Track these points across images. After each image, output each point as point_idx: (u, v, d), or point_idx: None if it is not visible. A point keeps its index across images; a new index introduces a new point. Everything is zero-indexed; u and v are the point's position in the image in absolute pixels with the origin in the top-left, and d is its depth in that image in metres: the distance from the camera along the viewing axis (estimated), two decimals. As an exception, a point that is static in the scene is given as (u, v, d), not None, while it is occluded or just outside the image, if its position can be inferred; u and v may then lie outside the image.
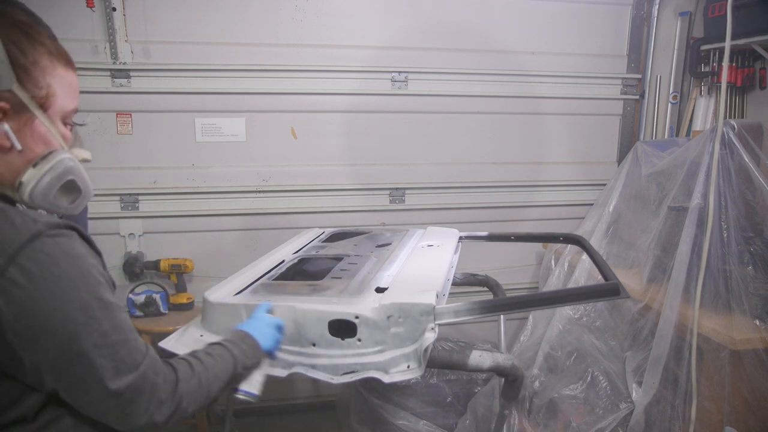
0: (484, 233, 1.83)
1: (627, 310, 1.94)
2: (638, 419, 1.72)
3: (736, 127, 1.73)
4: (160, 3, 2.08)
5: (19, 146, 0.73)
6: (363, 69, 2.27)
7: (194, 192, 2.22)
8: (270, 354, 1.03)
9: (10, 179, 0.75)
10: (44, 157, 0.76)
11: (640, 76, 2.54)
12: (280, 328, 1.08)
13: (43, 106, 0.75)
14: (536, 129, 2.49)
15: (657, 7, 2.45)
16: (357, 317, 1.09)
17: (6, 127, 0.72)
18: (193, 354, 0.89)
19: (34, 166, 0.75)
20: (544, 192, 2.55)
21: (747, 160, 1.68)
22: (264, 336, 1.02)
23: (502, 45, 2.37)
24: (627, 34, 2.50)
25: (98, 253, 0.77)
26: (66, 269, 0.68)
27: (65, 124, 0.80)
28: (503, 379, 1.30)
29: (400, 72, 2.31)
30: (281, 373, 1.09)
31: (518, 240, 1.88)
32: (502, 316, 1.71)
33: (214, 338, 1.06)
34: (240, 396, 0.97)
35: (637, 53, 2.52)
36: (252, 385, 0.98)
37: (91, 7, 1.95)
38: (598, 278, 2.08)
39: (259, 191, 2.28)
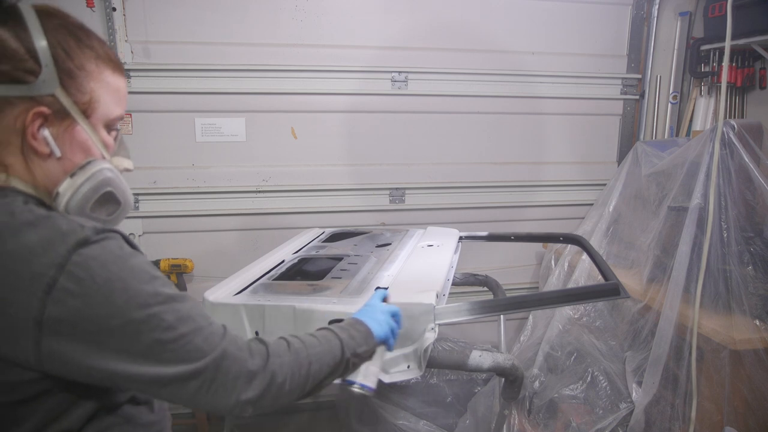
0: (484, 233, 1.83)
1: (627, 310, 1.94)
2: (638, 419, 1.72)
3: (736, 127, 1.73)
4: (160, 3, 2.08)
5: (58, 153, 0.70)
6: (363, 69, 2.27)
7: (194, 192, 2.23)
8: (385, 343, 0.97)
9: (47, 187, 0.72)
10: (82, 167, 0.73)
11: (640, 76, 2.53)
12: (395, 315, 1.02)
13: (86, 112, 0.72)
14: (536, 129, 2.49)
15: (657, 7, 2.45)
16: None
17: (46, 132, 0.69)
18: (293, 334, 0.85)
19: (72, 176, 0.72)
20: (544, 192, 2.55)
21: (747, 160, 1.68)
22: (378, 322, 0.96)
23: (502, 45, 2.37)
24: (627, 34, 2.50)
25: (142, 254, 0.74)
26: (116, 271, 0.65)
27: (109, 131, 0.77)
28: (503, 379, 1.30)
29: (400, 72, 2.30)
30: None
31: (518, 240, 1.88)
32: (502, 316, 1.71)
33: None
34: (356, 389, 0.90)
35: (637, 53, 2.52)
36: (368, 378, 0.90)
37: (91, 7, 1.95)
38: (598, 278, 2.09)
39: (259, 191, 2.28)
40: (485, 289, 1.93)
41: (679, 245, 1.73)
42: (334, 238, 1.76)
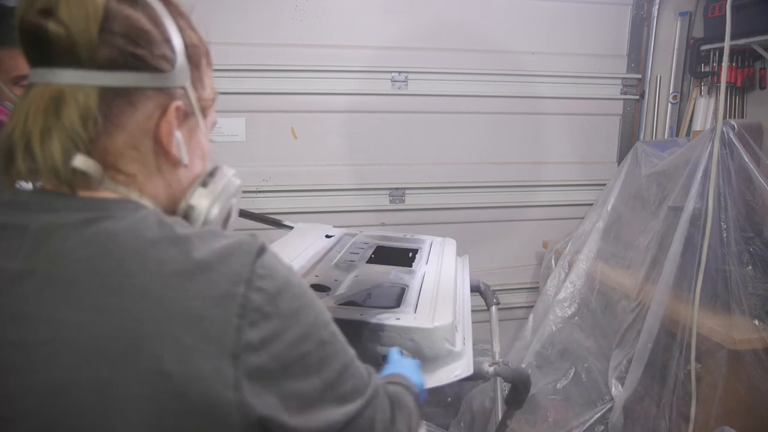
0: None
1: (621, 309, 1.95)
2: (618, 415, 1.74)
3: (736, 127, 1.73)
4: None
5: (186, 159, 0.60)
6: (363, 69, 2.27)
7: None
8: (421, 396, 0.91)
9: (169, 200, 0.60)
10: (211, 174, 0.63)
11: (640, 76, 2.54)
12: (420, 367, 0.98)
13: (204, 112, 0.63)
14: (536, 129, 2.49)
15: (657, 7, 2.45)
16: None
17: (179, 135, 0.58)
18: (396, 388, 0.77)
19: (204, 185, 0.62)
20: (544, 192, 2.55)
21: (747, 160, 1.67)
22: (417, 375, 0.91)
23: (502, 45, 2.37)
24: (627, 34, 2.50)
25: None
26: (297, 284, 0.55)
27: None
28: (509, 385, 1.30)
29: (400, 72, 2.31)
30: None
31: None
32: (494, 317, 1.70)
33: None
34: None
35: (637, 53, 2.52)
36: None
37: (91, 7, 1.95)
38: (598, 278, 2.09)
39: (259, 191, 2.28)
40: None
41: (672, 243, 1.73)
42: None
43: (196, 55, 0.61)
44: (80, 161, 0.52)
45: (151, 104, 0.56)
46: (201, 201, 0.61)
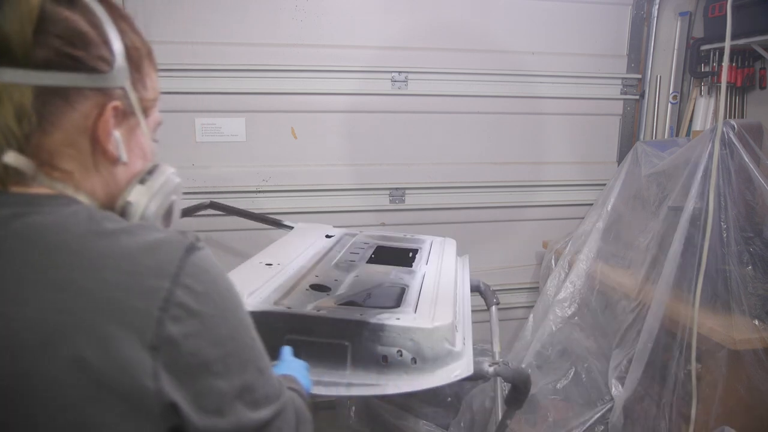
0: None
1: (621, 309, 1.95)
2: (618, 415, 1.74)
3: (736, 127, 1.73)
4: (160, 3, 2.08)
5: (125, 158, 0.61)
6: (363, 69, 2.27)
7: (194, 192, 2.22)
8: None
9: (107, 198, 0.62)
10: (150, 172, 0.65)
11: (640, 76, 2.53)
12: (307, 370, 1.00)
13: (146, 113, 0.65)
14: (536, 129, 2.49)
15: (657, 7, 2.45)
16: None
17: (117, 134, 0.60)
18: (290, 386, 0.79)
19: (142, 182, 0.64)
20: (544, 192, 2.55)
21: (747, 160, 1.67)
22: (306, 379, 0.93)
23: (502, 45, 2.37)
24: (627, 34, 2.50)
25: None
26: (226, 286, 0.57)
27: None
28: (509, 386, 1.30)
29: (400, 72, 2.31)
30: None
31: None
32: (494, 317, 1.70)
33: None
34: None
35: (637, 53, 2.52)
36: None
37: (91, 7, 1.95)
38: (598, 278, 2.09)
39: (259, 191, 2.28)
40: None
41: (672, 243, 1.73)
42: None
43: (137, 57, 0.63)
44: (11, 158, 0.53)
45: (88, 104, 0.57)
46: (138, 198, 0.63)
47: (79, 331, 0.48)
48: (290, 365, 0.96)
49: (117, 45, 0.59)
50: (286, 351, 1.02)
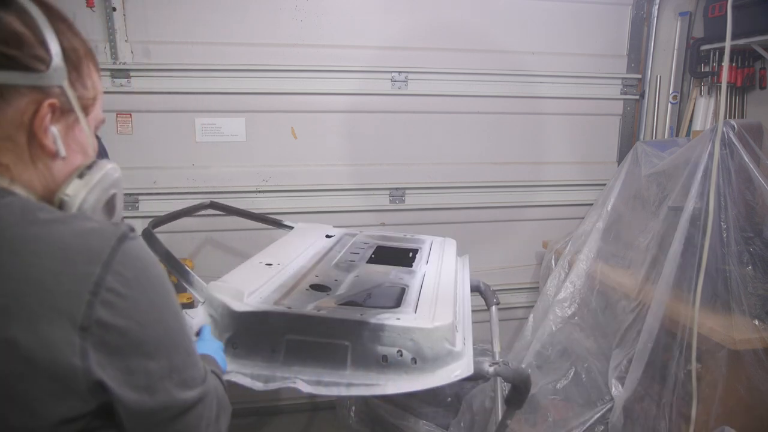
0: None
1: (621, 309, 1.95)
2: (618, 415, 1.73)
3: (736, 127, 1.73)
4: (160, 3, 2.08)
5: (63, 152, 0.64)
6: (363, 69, 2.27)
7: (194, 192, 2.22)
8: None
9: (46, 191, 0.64)
10: (89, 167, 0.67)
11: (640, 76, 2.53)
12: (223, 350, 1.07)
13: (86, 110, 0.67)
14: (536, 129, 2.49)
15: (657, 7, 2.45)
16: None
17: (55, 130, 0.62)
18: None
19: (80, 177, 0.66)
20: (544, 192, 2.55)
21: (747, 160, 1.67)
22: (222, 360, 1.01)
23: (502, 45, 2.37)
24: (627, 34, 2.50)
25: None
26: (155, 273, 0.61)
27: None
28: (509, 386, 1.30)
29: (400, 72, 2.31)
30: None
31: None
32: (494, 317, 1.70)
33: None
34: None
35: (637, 53, 2.52)
36: None
37: (91, 7, 1.95)
38: (598, 278, 2.09)
39: (259, 191, 2.28)
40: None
41: (672, 243, 1.73)
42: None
43: (75, 57, 0.65)
44: None
45: (24, 100, 0.60)
46: (75, 191, 0.65)
47: (10, 314, 0.51)
48: (209, 345, 1.02)
49: (54, 45, 0.61)
50: (206, 330, 1.07)
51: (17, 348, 0.51)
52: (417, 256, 1.67)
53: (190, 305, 2.24)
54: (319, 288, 1.32)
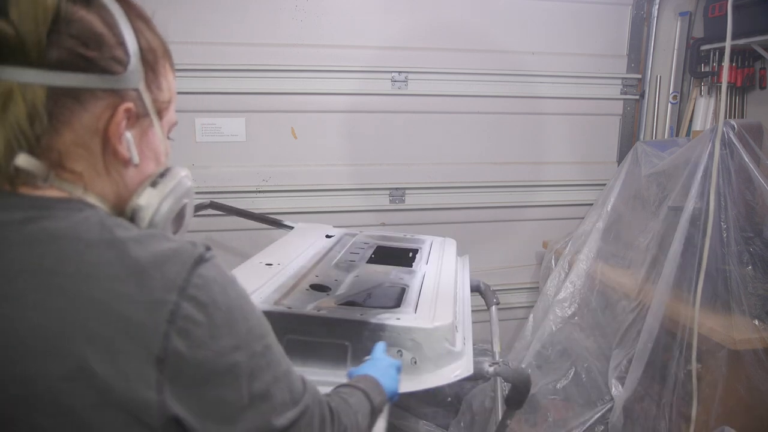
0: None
1: (621, 309, 1.95)
2: (618, 415, 1.74)
3: (736, 127, 1.73)
4: (159, 3, 2.07)
5: (137, 159, 0.60)
6: (363, 69, 2.27)
7: (194, 192, 2.22)
8: (392, 399, 0.92)
9: (118, 200, 0.60)
10: (162, 175, 0.63)
11: (640, 76, 2.53)
12: (399, 370, 0.99)
13: (160, 114, 0.63)
14: (536, 129, 2.49)
15: (657, 7, 2.45)
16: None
17: (129, 135, 0.59)
18: (337, 394, 0.79)
19: (153, 185, 0.62)
20: (544, 192, 2.55)
21: (747, 160, 1.67)
22: (390, 379, 0.92)
23: (502, 45, 2.37)
24: (627, 34, 2.50)
25: None
26: (234, 296, 0.57)
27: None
28: (509, 385, 1.30)
29: (400, 72, 2.31)
30: None
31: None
32: (494, 317, 1.70)
33: None
34: None
35: (637, 53, 2.52)
36: None
37: (91, 7, 1.95)
38: (598, 278, 2.09)
39: (259, 191, 2.28)
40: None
41: (672, 243, 1.73)
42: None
43: (152, 58, 0.61)
44: (23, 160, 0.52)
45: (100, 104, 0.56)
46: (149, 201, 0.61)
47: (85, 341, 0.48)
48: (378, 364, 0.95)
49: (132, 46, 0.58)
50: (379, 348, 1.02)
51: (94, 378, 0.48)
52: (417, 256, 1.67)
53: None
54: (319, 288, 1.32)
